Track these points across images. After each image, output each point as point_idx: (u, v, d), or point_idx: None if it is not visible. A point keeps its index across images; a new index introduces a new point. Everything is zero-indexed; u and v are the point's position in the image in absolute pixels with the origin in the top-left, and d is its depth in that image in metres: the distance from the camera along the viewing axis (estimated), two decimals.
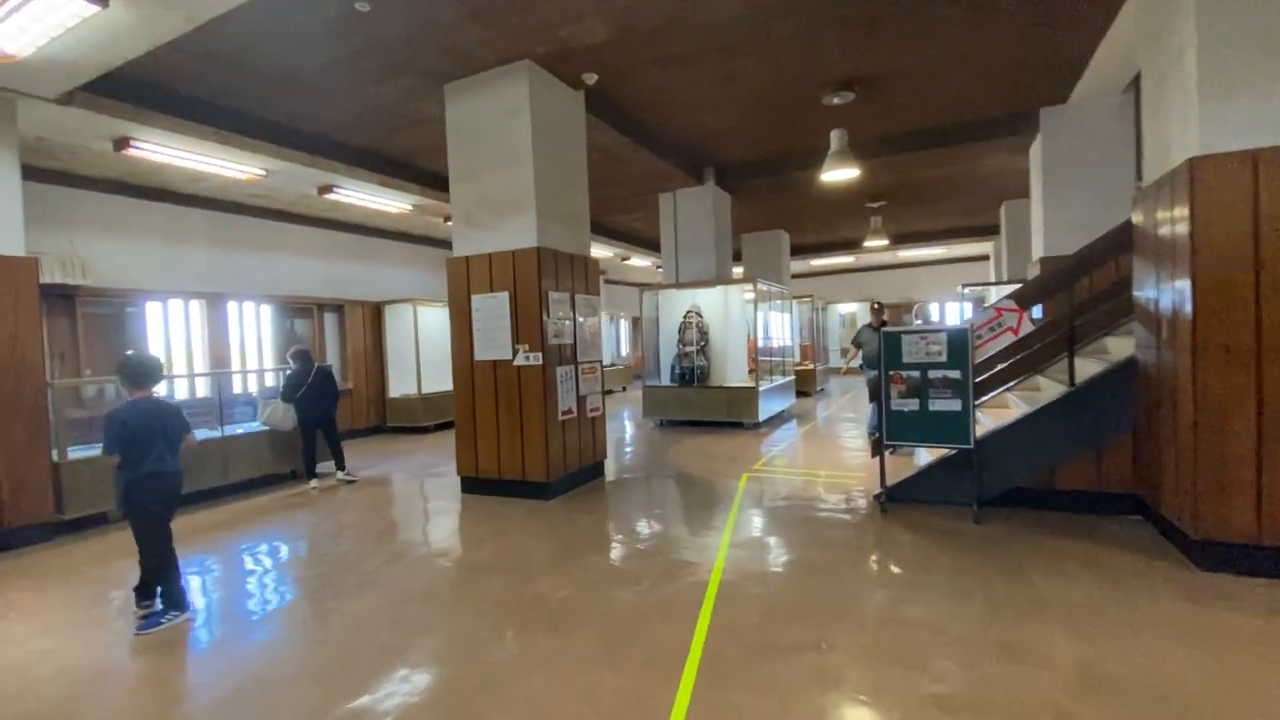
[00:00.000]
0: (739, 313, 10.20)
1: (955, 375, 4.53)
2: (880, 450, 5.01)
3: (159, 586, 3.48)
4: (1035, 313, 5.66)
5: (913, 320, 6.63)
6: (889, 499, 5.00)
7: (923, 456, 5.97)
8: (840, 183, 8.63)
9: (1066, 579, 3.49)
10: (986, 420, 5.52)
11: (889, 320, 7.73)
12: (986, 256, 17.32)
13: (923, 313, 6.85)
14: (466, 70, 5.59)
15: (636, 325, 13.44)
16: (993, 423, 5.19)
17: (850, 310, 18.92)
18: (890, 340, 4.77)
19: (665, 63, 5.72)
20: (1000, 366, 4.84)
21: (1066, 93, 6.84)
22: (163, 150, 6.16)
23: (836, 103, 6.65)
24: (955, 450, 4.74)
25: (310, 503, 6.05)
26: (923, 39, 5.52)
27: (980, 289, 11.84)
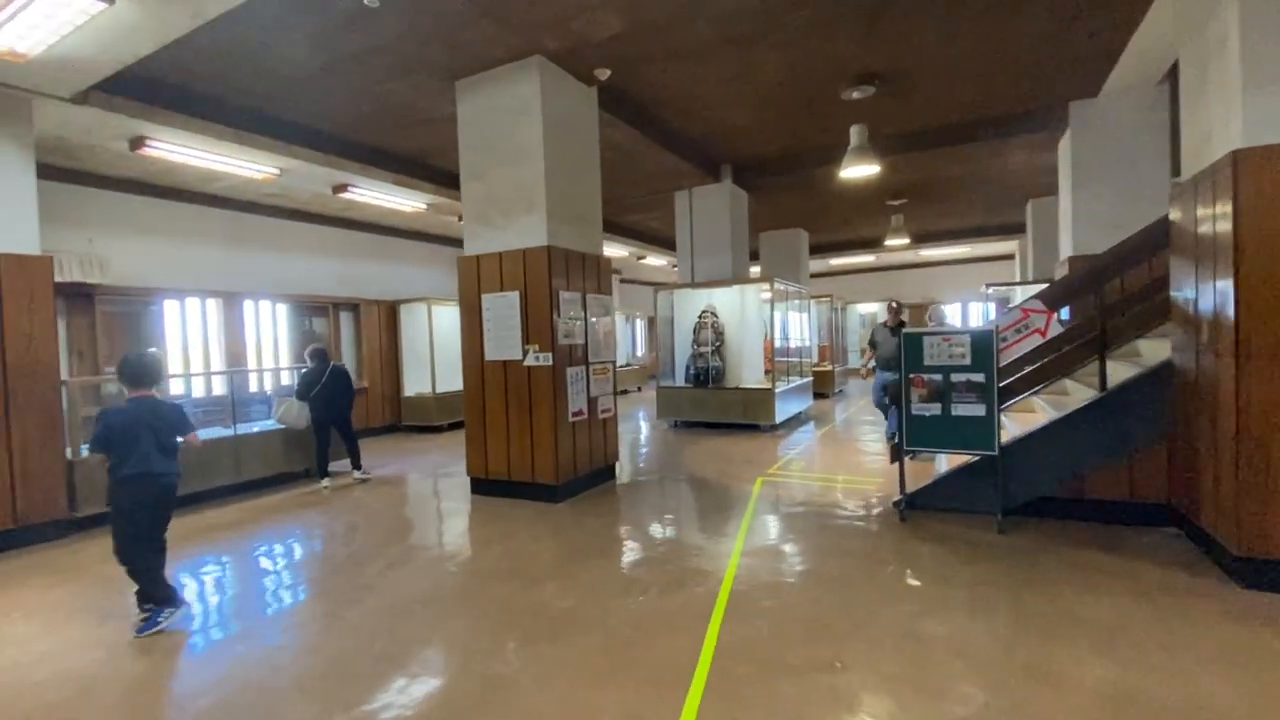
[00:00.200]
0: (755, 313, 10.03)
1: (979, 379, 4.35)
2: (900, 456, 4.84)
3: (140, 588, 3.36)
4: (1063, 314, 5.45)
5: (925, 322, 6.40)
6: (908, 506, 4.83)
7: (944, 462, 5.77)
8: (860, 180, 8.42)
9: (1097, 594, 3.31)
10: (1011, 425, 5.33)
11: (907, 321, 7.48)
12: (1011, 256, 16.91)
13: (936, 315, 6.50)
14: (477, 67, 5.52)
15: (652, 325, 13.32)
16: (1018, 428, 5.00)
17: (870, 310, 18.59)
18: (911, 342, 4.60)
19: (680, 56, 5.60)
20: (1027, 369, 4.64)
21: (1097, 86, 6.59)
22: (178, 149, 6.19)
23: (856, 97, 6.47)
24: (979, 457, 4.55)
25: (321, 502, 6.03)
26: (947, 30, 5.33)
27: (1005, 289, 11.54)
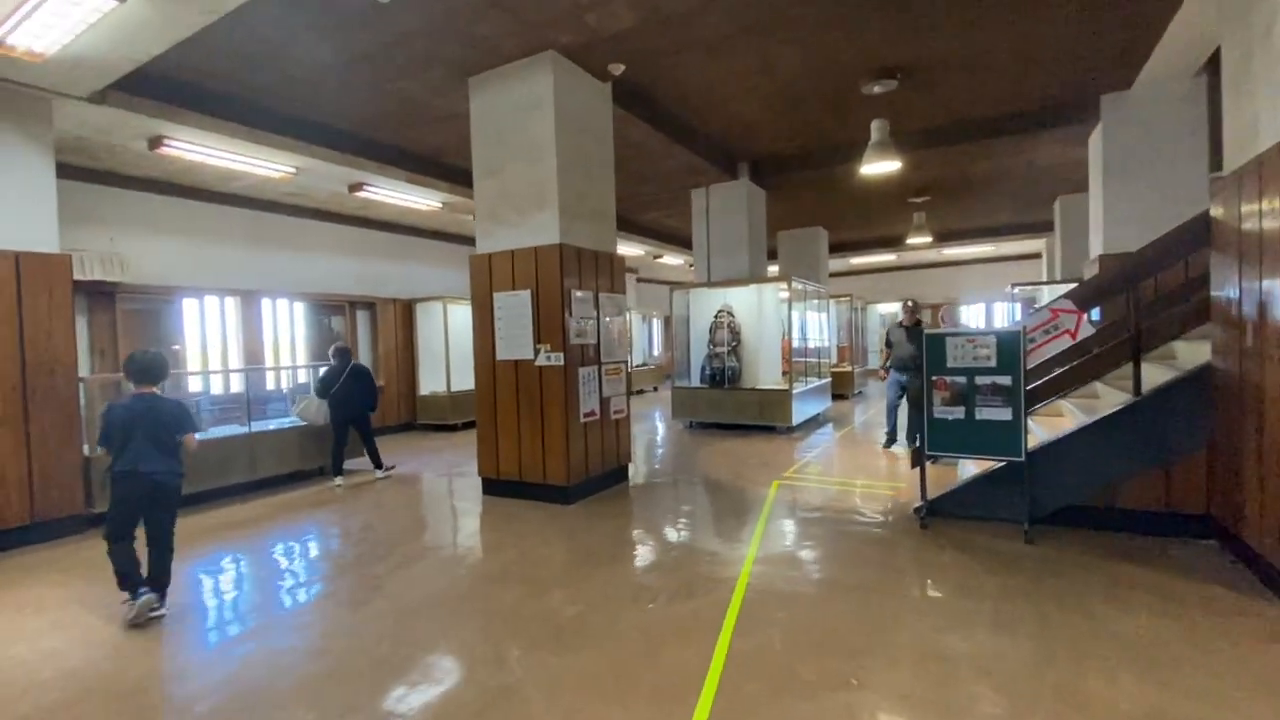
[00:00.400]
0: (773, 312, 9.86)
1: (1005, 381, 4.18)
2: (921, 460, 4.68)
3: (115, 569, 3.39)
4: (1092, 314, 5.24)
5: (939, 322, 6.23)
6: (930, 513, 4.66)
7: (967, 467, 5.59)
8: (881, 177, 8.23)
9: (1131, 610, 3.14)
10: (1038, 430, 5.13)
11: (924, 321, 7.25)
12: (1038, 255, 16.50)
13: (951, 315, 6.28)
14: (490, 63, 5.46)
15: (668, 325, 13.21)
16: (1046, 433, 4.81)
17: (891, 310, 18.25)
18: (934, 343, 4.44)
19: (696, 50, 5.49)
20: (1057, 371, 4.46)
21: (1131, 78, 6.34)
22: (195, 148, 6.22)
23: (878, 91, 6.30)
24: (1004, 463, 4.37)
25: (334, 501, 6.02)
26: (973, 21, 5.15)
27: (1031, 289, 11.23)
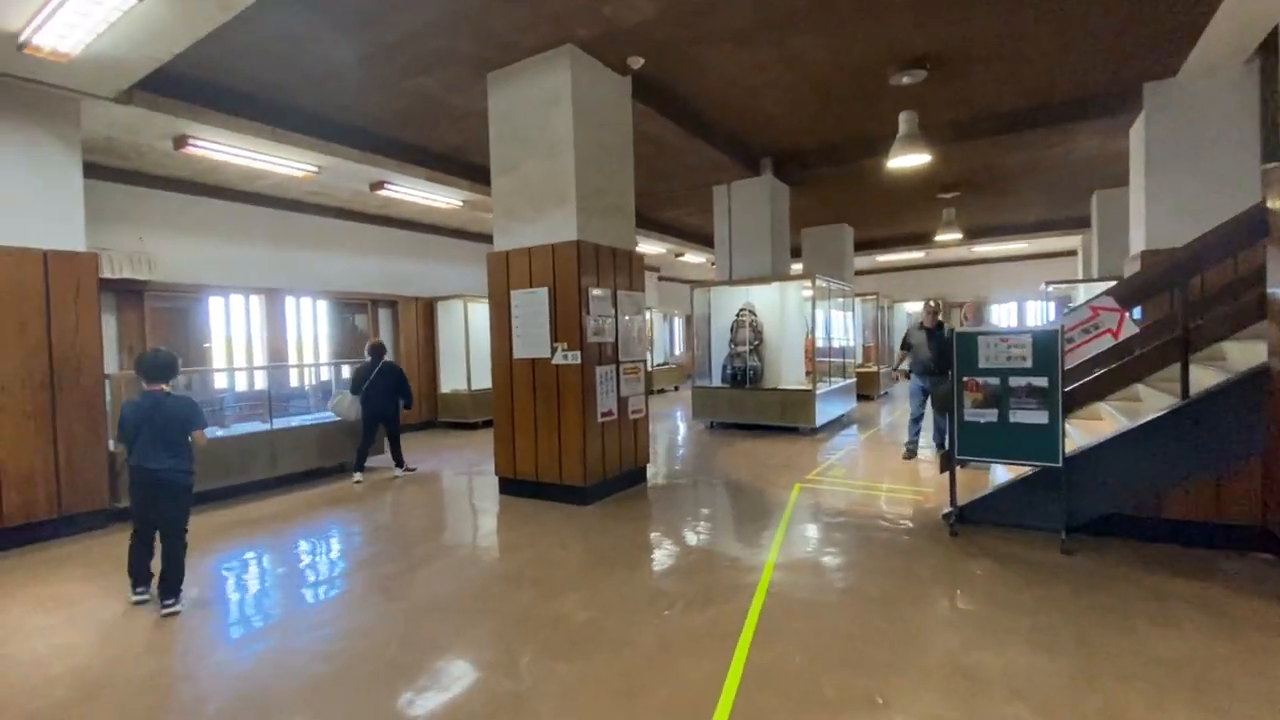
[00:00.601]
0: (796, 311, 9.67)
1: (1041, 383, 3.98)
2: (950, 465, 4.49)
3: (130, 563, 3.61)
4: (1134, 313, 4.98)
5: (963, 321, 5.97)
6: (959, 520, 4.47)
7: (999, 472, 5.37)
8: (909, 171, 7.99)
9: (1179, 628, 2.94)
10: (1075, 434, 4.90)
11: (945, 322, 6.99)
12: (1073, 252, 15.96)
13: (979, 314, 5.94)
14: (508, 58, 5.40)
15: (689, 323, 13.08)
16: (1084, 437, 4.58)
17: (918, 309, 17.89)
18: (965, 342, 4.25)
19: (717, 42, 5.35)
20: (1097, 373, 4.23)
21: (1176, 65, 6.02)
22: (219, 147, 6.27)
23: (906, 82, 6.08)
24: (1039, 468, 4.17)
25: (353, 498, 6.01)
26: (1007, 7, 4.93)
27: (1066, 287, 10.84)
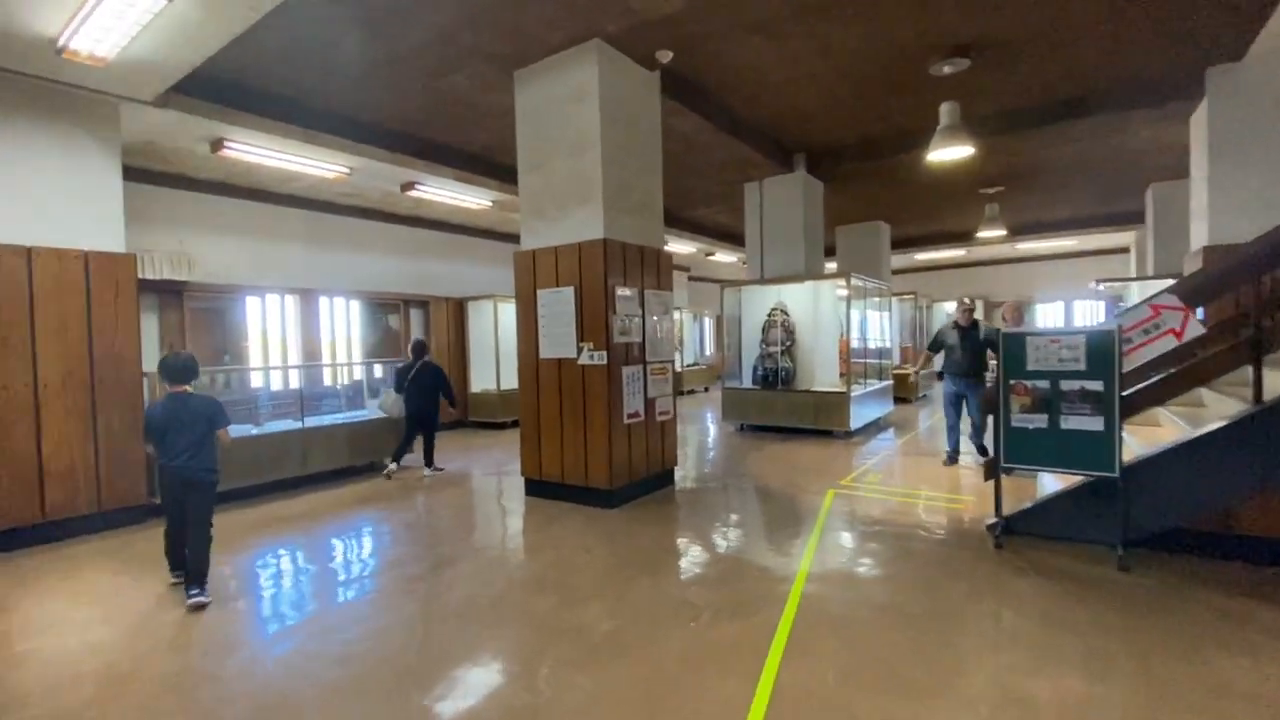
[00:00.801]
0: (830, 311, 9.40)
1: (1096, 387, 3.72)
2: (996, 473, 4.25)
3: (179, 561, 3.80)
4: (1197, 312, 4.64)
5: (1003, 323, 5.65)
6: (1005, 531, 4.22)
7: (1047, 481, 5.08)
8: (949, 166, 7.69)
9: (1254, 658, 2.68)
10: (1132, 441, 4.58)
11: (981, 321, 6.67)
12: (1125, 249, 15.24)
13: (1019, 314, 5.54)
14: (535, 55, 5.33)
15: (720, 323, 12.89)
16: (1142, 445, 4.28)
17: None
18: (1012, 343, 4.01)
19: (749, 33, 5.19)
20: (1155, 376, 3.94)
21: (1242, 48, 5.62)
22: (253, 150, 6.37)
23: (948, 72, 5.83)
24: (1093, 478, 3.90)
25: (379, 498, 6.02)
26: None
27: (1119, 285, 10.30)
